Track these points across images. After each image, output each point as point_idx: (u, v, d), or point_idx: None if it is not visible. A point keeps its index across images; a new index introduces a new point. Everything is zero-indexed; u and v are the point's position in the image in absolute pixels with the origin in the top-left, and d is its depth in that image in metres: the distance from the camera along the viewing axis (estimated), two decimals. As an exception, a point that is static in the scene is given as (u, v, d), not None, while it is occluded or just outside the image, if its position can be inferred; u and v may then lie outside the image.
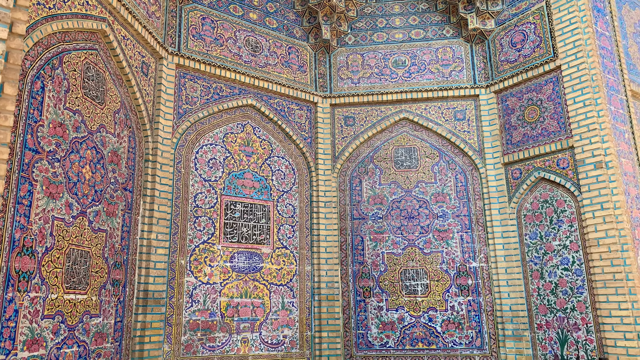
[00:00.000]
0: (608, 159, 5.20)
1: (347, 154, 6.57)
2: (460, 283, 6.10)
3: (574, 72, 5.56)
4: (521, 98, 6.10)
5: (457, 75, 6.62)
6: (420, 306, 6.10)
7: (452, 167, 6.44)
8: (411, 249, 6.25)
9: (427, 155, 6.52)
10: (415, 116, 6.58)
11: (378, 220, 6.38)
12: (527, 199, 5.92)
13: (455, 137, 6.45)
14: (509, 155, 6.12)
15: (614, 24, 6.00)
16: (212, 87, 5.87)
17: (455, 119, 6.51)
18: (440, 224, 6.29)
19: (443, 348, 5.97)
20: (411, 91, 6.60)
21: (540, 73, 5.89)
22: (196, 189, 5.56)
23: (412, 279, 6.17)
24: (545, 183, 5.76)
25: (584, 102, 5.43)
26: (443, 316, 6.05)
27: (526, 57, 6.08)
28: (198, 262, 5.39)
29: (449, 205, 6.33)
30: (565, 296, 5.40)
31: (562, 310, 5.43)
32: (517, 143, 6.07)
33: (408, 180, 6.47)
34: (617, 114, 5.54)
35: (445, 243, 6.22)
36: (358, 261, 6.29)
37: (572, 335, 5.31)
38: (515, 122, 6.13)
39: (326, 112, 6.67)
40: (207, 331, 5.30)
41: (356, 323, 6.11)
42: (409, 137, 6.61)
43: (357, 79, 6.77)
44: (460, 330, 5.99)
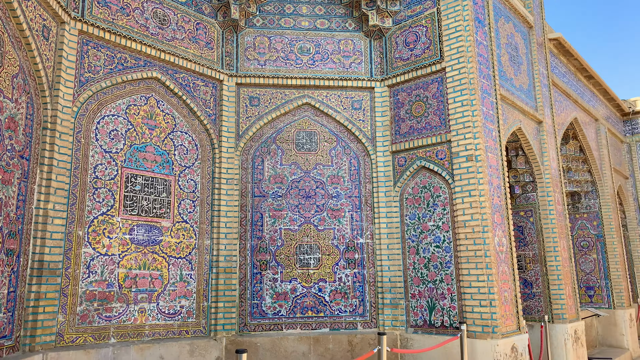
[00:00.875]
0: (478, 153, 6.05)
1: (250, 134, 6.82)
2: (348, 257, 6.72)
3: (456, 74, 6.33)
4: (410, 94, 6.78)
5: (356, 67, 7.14)
6: (312, 278, 6.63)
7: (347, 152, 6.99)
8: (307, 226, 6.73)
9: (326, 139, 7.00)
10: (317, 102, 7.00)
11: (278, 198, 6.76)
12: (409, 184, 6.66)
13: (351, 124, 6.99)
14: (397, 144, 6.80)
15: (491, 34, 6.87)
16: (117, 57, 5.77)
17: (352, 108, 7.04)
18: (334, 203, 6.83)
19: (330, 315, 6.57)
20: (314, 78, 7.00)
21: (428, 73, 6.60)
22: (96, 160, 5.49)
23: (306, 253, 6.66)
24: (425, 171, 6.52)
25: (462, 102, 6.22)
26: (331, 287, 6.64)
27: (417, 56, 6.76)
28: (97, 233, 5.37)
29: (342, 187, 6.89)
30: (436, 270, 6.23)
31: (432, 281, 6.25)
32: (404, 134, 6.76)
33: (307, 162, 6.90)
34: (488, 115, 6.42)
35: (338, 221, 6.79)
36: (257, 236, 6.63)
37: (439, 303, 6.16)
38: (404, 115, 6.81)
39: (231, 90, 6.84)
40: (104, 302, 5.34)
41: (252, 294, 6.48)
42: (310, 121, 7.02)
43: (264, 61, 7.01)
44: (345, 300, 6.62)
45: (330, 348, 6.34)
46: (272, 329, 6.44)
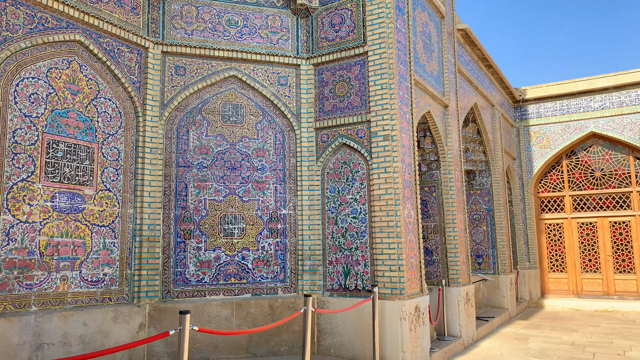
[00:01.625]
0: (394, 134, 6.61)
1: (175, 103, 6.82)
2: (271, 227, 7.06)
3: (377, 59, 6.79)
4: (334, 74, 7.16)
5: (283, 44, 7.36)
6: (236, 247, 6.90)
7: (273, 127, 7.25)
8: (232, 197, 6.95)
9: (252, 113, 7.19)
10: (244, 75, 7.15)
11: (203, 169, 6.88)
12: (331, 159, 7.10)
13: (277, 100, 7.24)
14: (320, 121, 7.18)
15: (409, 22, 7.40)
16: (37, 16, 5.50)
17: (278, 84, 7.28)
18: (259, 176, 7.10)
19: (252, 282, 6.91)
20: (242, 51, 7.12)
21: (352, 55, 7.00)
22: (15, 124, 5.26)
23: (231, 223, 6.90)
24: (346, 148, 6.99)
25: (381, 86, 6.72)
26: (254, 255, 6.96)
27: (342, 38, 7.12)
28: (16, 200, 5.20)
29: (267, 160, 7.16)
30: (352, 239, 6.78)
31: (348, 249, 6.81)
32: (327, 112, 7.15)
33: (233, 134, 7.07)
34: (403, 98, 6.99)
35: (262, 193, 7.08)
36: (181, 206, 6.73)
37: (354, 269, 6.73)
38: (328, 94, 7.19)
39: (157, 58, 6.76)
40: (25, 270, 5.22)
41: (175, 262, 6.62)
42: (236, 94, 7.16)
43: (191, 31, 6.98)
44: (267, 267, 6.99)
45: (252, 312, 6.70)
46: (196, 295, 6.65)
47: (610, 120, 13.04)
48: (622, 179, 13.23)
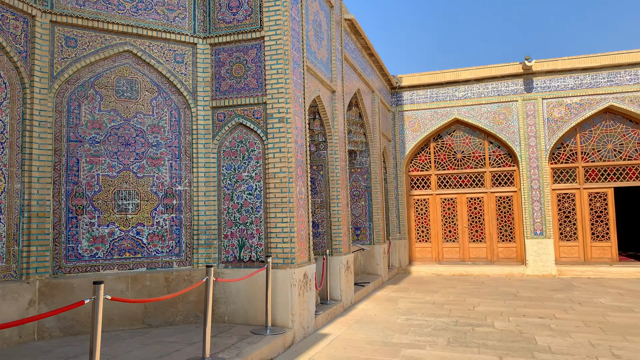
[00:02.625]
0: (288, 116, 7.12)
1: (66, 76, 6.62)
2: (166, 203, 7.22)
3: (273, 44, 7.20)
4: (231, 55, 7.43)
5: (180, 22, 7.42)
6: (130, 222, 6.97)
7: (168, 103, 7.34)
8: (126, 173, 6.97)
9: (147, 89, 7.20)
10: (139, 51, 7.11)
11: (95, 144, 6.79)
12: (227, 138, 7.41)
13: (173, 77, 7.33)
14: (217, 100, 7.44)
15: (302, 11, 7.88)
16: None
17: (175, 61, 7.36)
18: (154, 152, 7.18)
19: (147, 256, 7.06)
20: (137, 27, 7.06)
21: (249, 39, 7.32)
22: None
23: (125, 199, 6.93)
24: (242, 127, 7.35)
25: (277, 70, 7.15)
26: (149, 230, 7.09)
27: (239, 21, 7.39)
28: None
29: (163, 136, 7.26)
30: (247, 214, 7.22)
31: (243, 224, 7.24)
32: (224, 92, 7.42)
33: (128, 109, 7.04)
34: (297, 83, 7.51)
35: (157, 169, 7.19)
36: (72, 181, 6.61)
37: (249, 241, 7.20)
38: (225, 74, 7.45)
39: (45, 28, 6.48)
40: None
41: (67, 238, 6.53)
42: (131, 69, 7.11)
43: (83, 2, 6.76)
44: (163, 241, 7.17)
45: (148, 285, 6.88)
46: (89, 270, 6.64)
47: (471, 109, 14.85)
48: (478, 160, 15.20)
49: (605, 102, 13.75)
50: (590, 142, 14.26)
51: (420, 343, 6.73)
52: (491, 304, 9.66)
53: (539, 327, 7.62)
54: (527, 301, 9.86)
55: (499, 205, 14.87)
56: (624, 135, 14.02)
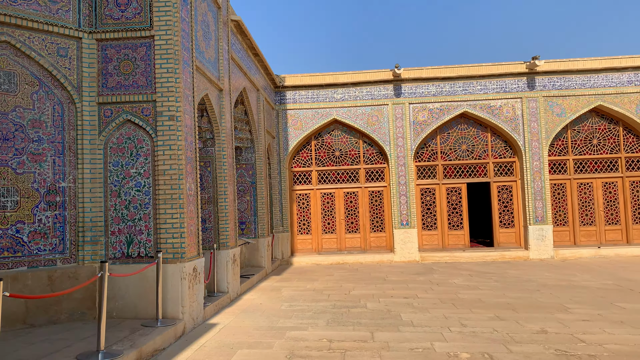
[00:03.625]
0: (178, 114, 7.34)
1: None
2: (49, 200, 7.05)
3: (163, 44, 7.36)
4: (119, 52, 7.43)
5: (64, 15, 7.24)
6: (9, 220, 6.70)
7: (51, 98, 7.14)
8: (4, 169, 6.68)
9: (27, 82, 6.94)
10: (18, 42, 6.83)
11: (-31, 138, 6.42)
12: (115, 134, 7.42)
13: (57, 71, 7.14)
14: (104, 96, 7.40)
15: (192, 12, 8.11)
16: None
17: (58, 55, 7.17)
18: (35, 147, 6.96)
19: (28, 255, 6.84)
20: (16, 17, 6.77)
21: (138, 37, 7.39)
22: None
23: (2, 196, 6.65)
24: (130, 124, 7.41)
25: (167, 69, 7.33)
26: (30, 228, 6.88)
27: (128, 19, 7.42)
28: None
29: (45, 131, 7.05)
30: (136, 210, 7.32)
31: (132, 220, 7.33)
32: (112, 88, 7.41)
33: (5, 103, 6.74)
34: (187, 82, 7.74)
35: (39, 165, 6.98)
36: (-59, 177, 6.20)
37: (137, 238, 7.31)
38: (112, 70, 7.43)
39: None
40: None
41: None
42: (10, 61, 6.80)
43: (-48, -14, 6.33)
44: (45, 239, 7.00)
45: (29, 284, 6.69)
46: (-38, 271, 6.29)
47: (348, 110, 16.00)
48: (354, 158, 16.43)
49: (460, 108, 15.72)
50: (448, 143, 16.19)
51: (303, 325, 7.42)
52: (364, 288, 10.73)
53: (404, 305, 8.75)
54: (395, 284, 11.12)
55: (371, 199, 16.24)
56: (476, 138, 16.15)
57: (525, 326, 7.09)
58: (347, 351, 6.03)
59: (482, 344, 6.22)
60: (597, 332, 6.69)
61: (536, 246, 15.20)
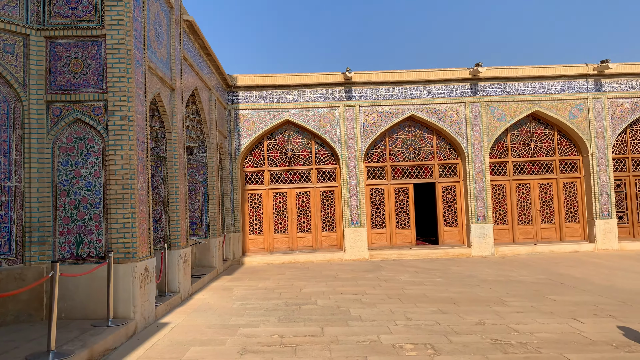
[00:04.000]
0: (130, 114, 7.34)
1: None
2: (-6, 200, 6.87)
3: (115, 44, 7.33)
4: (69, 50, 7.34)
5: (10, 10, 7.07)
6: (-50, 220, 6.49)
7: (-4, 95, 6.96)
8: (-55, 167, 6.47)
9: (-30, 79, 6.74)
10: (-40, 37, 6.62)
11: None
12: (64, 133, 7.32)
13: (2, 68, 6.97)
14: (53, 95, 7.28)
15: (144, 12, 8.09)
16: None
17: (4, 51, 7.00)
18: (-21, 146, 6.77)
19: (-29, 256, 6.65)
20: (-42, 11, 6.57)
21: (89, 35, 7.32)
22: None
23: (-56, 196, 6.44)
24: (80, 123, 7.33)
25: (119, 69, 7.31)
26: (-27, 229, 6.69)
27: (79, 17, 7.34)
28: None
29: (-11, 129, 6.87)
30: (86, 210, 7.26)
31: (81, 220, 7.26)
32: (61, 86, 7.30)
33: (-53, 100, 6.52)
34: (139, 82, 7.74)
35: (-17, 164, 6.79)
36: None
37: (87, 238, 7.25)
38: (62, 68, 7.32)
39: None
40: None
41: None
42: (-49, 57, 6.59)
43: None
44: (-11, 240, 6.82)
45: (-28, 286, 6.52)
46: None
47: (301, 111, 16.24)
48: (306, 158, 16.69)
49: (408, 111, 16.30)
50: (396, 145, 16.74)
51: (255, 322, 7.60)
52: (315, 285, 11.00)
53: (353, 301, 9.08)
54: (345, 281, 11.45)
55: (323, 199, 16.56)
56: (422, 140, 16.79)
57: (465, 318, 7.56)
58: (298, 345, 6.26)
59: (425, 336, 6.62)
60: (530, 322, 7.24)
61: (478, 244, 15.99)
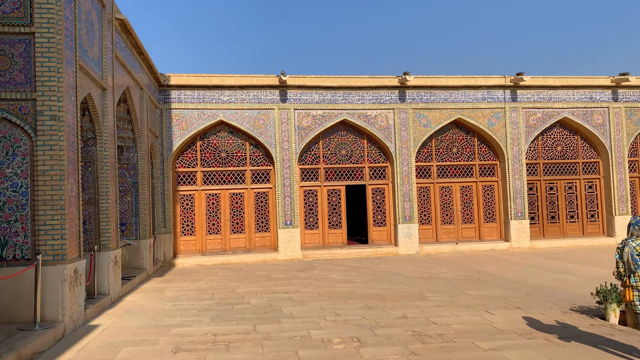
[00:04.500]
0: (60, 114, 7.22)
1: None
2: None
3: (45, 42, 7.19)
4: (-6, 46, 7.10)
5: None
6: None
7: None
8: None
9: None
10: None
11: None
12: (-12, 132, 7.07)
13: None
14: (-25, 92, 7.02)
15: (75, 10, 7.96)
16: None
17: None
18: None
19: None
20: None
21: (17, 32, 7.13)
22: None
23: None
24: (6, 122, 7.12)
25: (49, 68, 7.18)
26: None
27: (5, 13, 7.12)
28: None
29: None
30: (11, 211, 7.06)
31: (6, 222, 7.05)
32: (-15, 83, 7.05)
33: None
34: (70, 82, 7.61)
35: None
36: None
37: (13, 240, 7.05)
38: (-14, 65, 7.07)
39: None
40: None
41: None
42: None
43: None
44: None
45: None
46: None
47: (235, 112, 16.32)
48: (241, 159, 16.80)
49: (341, 116, 16.85)
50: (329, 148, 17.25)
51: (188, 322, 7.71)
52: (248, 286, 11.21)
53: (285, 300, 9.39)
54: (277, 281, 11.74)
55: (257, 200, 16.73)
56: (354, 144, 17.41)
57: (390, 313, 8.10)
58: (231, 343, 6.48)
59: (352, 330, 7.05)
60: (447, 315, 7.89)
61: (404, 243, 16.82)
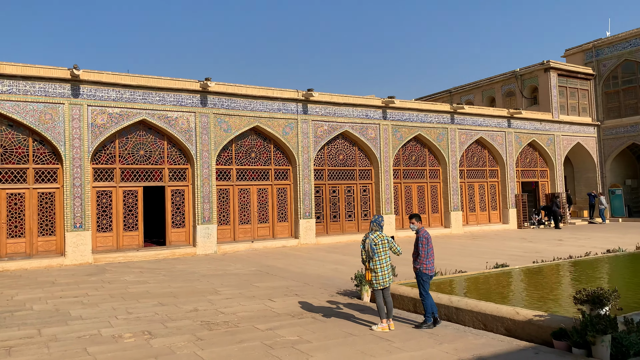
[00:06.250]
0: None
1: None
2: None
3: None
4: None
5: None
6: None
7: None
8: None
9: None
10: None
11: None
12: None
13: None
14: None
15: None
16: None
17: None
18: None
19: None
20: None
21: None
22: None
23: None
24: None
25: None
26: None
27: None
28: None
29: None
30: None
31: None
32: None
33: None
34: None
35: None
36: None
37: None
38: None
39: None
40: None
41: None
42: None
43: None
44: None
45: None
46: None
47: (17, 105, 14.82)
48: (22, 157, 15.30)
49: (140, 115, 16.63)
50: (127, 148, 16.86)
51: (-43, 334, 7.12)
52: (30, 292, 10.52)
53: (74, 303, 9.20)
54: (65, 286, 11.25)
55: (41, 201, 15.44)
56: (154, 145, 17.33)
57: (182, 308, 8.67)
58: (13, 347, 6.32)
59: (144, 325, 7.44)
60: (235, 306, 8.80)
61: (203, 243, 17.39)
